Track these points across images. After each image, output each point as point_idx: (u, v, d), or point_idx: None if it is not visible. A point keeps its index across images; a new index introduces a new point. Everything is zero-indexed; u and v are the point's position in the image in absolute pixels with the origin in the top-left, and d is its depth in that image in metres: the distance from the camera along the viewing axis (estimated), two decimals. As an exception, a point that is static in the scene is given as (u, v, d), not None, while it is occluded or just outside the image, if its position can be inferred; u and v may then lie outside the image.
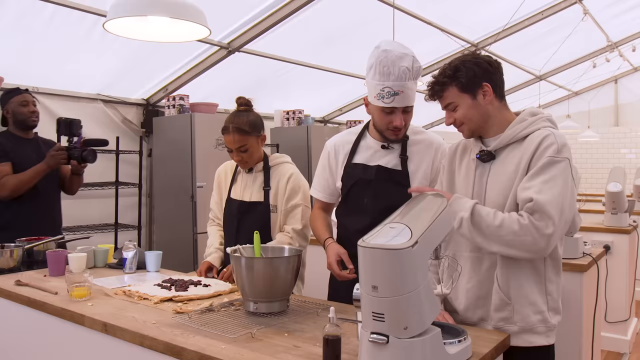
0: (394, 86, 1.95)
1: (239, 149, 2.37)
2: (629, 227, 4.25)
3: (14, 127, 3.17)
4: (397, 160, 2.14)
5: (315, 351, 1.50)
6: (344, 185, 2.20)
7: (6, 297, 2.23)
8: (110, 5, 2.06)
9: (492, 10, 5.30)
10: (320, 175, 2.30)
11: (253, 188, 2.45)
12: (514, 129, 1.73)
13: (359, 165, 2.16)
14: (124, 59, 4.35)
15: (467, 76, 1.71)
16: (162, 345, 1.59)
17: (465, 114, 1.75)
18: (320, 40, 5.04)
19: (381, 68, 1.94)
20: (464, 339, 1.46)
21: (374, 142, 2.17)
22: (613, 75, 9.13)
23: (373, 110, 2.07)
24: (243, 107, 2.41)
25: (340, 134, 2.31)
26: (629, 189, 5.12)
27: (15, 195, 3.00)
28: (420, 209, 1.51)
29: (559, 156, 1.63)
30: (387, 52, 1.94)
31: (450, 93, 1.75)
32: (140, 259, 2.57)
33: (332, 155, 2.25)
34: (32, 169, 3.02)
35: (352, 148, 2.20)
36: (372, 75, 1.99)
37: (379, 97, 1.98)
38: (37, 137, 3.28)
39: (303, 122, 6.20)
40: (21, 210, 3.05)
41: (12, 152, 3.06)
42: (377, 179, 2.11)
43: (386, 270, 1.29)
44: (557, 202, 1.59)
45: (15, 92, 3.18)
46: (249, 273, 1.81)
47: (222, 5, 3.86)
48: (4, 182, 2.98)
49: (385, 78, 1.95)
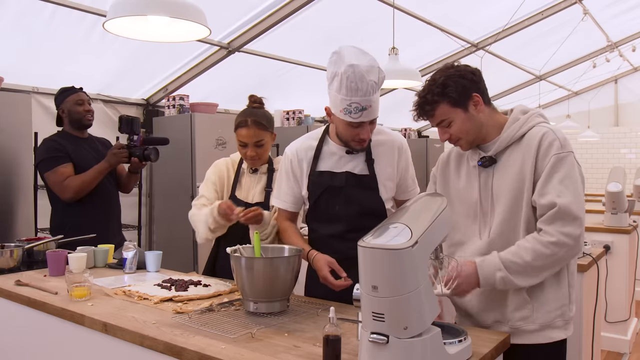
0: (362, 102, 1.88)
1: (256, 144, 2.34)
2: (629, 227, 4.25)
3: (70, 127, 3.09)
4: (363, 164, 2.10)
5: (315, 351, 1.50)
6: (311, 194, 2.13)
7: (6, 297, 2.23)
8: (110, 5, 2.06)
9: (492, 10, 5.30)
10: (284, 185, 2.19)
11: (256, 190, 2.45)
12: (510, 129, 1.73)
13: (326, 173, 2.10)
14: (124, 59, 4.35)
15: (456, 90, 1.69)
16: (162, 345, 1.58)
17: (461, 128, 1.73)
18: (320, 40, 5.04)
19: (348, 83, 1.85)
20: (464, 339, 1.46)
21: (337, 148, 2.12)
22: (613, 75, 9.13)
23: (338, 122, 2.00)
24: (257, 105, 2.40)
25: (299, 140, 2.22)
26: (629, 189, 5.13)
27: (79, 197, 2.94)
28: (420, 209, 1.51)
29: (564, 151, 1.63)
30: (354, 67, 1.84)
31: (442, 110, 1.72)
32: (140, 259, 2.56)
33: (295, 162, 2.16)
34: (94, 169, 2.95)
35: (315, 154, 2.14)
36: (337, 89, 1.89)
37: (345, 112, 1.90)
38: (91, 136, 3.22)
39: (303, 122, 6.20)
40: (85, 211, 2.98)
41: (72, 153, 2.99)
42: (347, 185, 2.07)
43: (386, 270, 1.30)
44: (578, 201, 1.60)
45: (71, 91, 3.10)
46: (249, 273, 1.81)
47: (222, 5, 3.86)
48: (67, 183, 2.91)
49: (353, 94, 1.87)
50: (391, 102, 6.98)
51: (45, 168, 2.96)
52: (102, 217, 3.05)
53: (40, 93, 4.24)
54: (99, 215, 3.03)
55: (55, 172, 2.92)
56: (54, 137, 3.09)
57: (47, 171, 2.95)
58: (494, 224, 1.74)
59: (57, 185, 2.93)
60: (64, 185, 2.91)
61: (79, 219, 2.96)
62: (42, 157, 2.98)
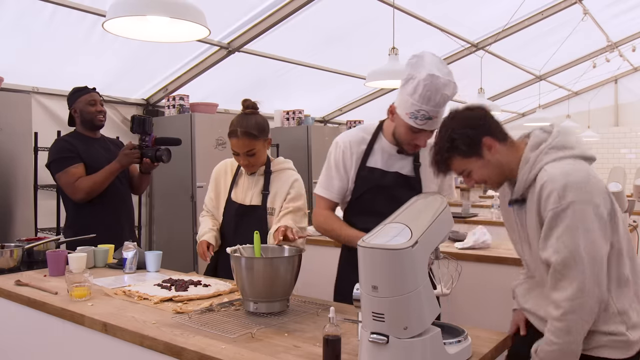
0: (430, 111, 1.93)
1: (247, 153, 2.34)
2: (629, 227, 4.24)
3: (82, 127, 3.06)
4: (410, 166, 2.15)
5: (315, 351, 1.50)
6: (357, 188, 2.16)
7: (6, 297, 2.23)
8: (110, 5, 2.06)
9: (492, 10, 5.30)
10: (333, 174, 2.19)
11: (254, 191, 2.45)
12: (522, 173, 1.65)
13: (376, 170, 2.14)
14: (124, 59, 4.35)
15: (465, 143, 1.65)
16: (162, 345, 1.58)
17: (482, 175, 1.70)
18: (320, 40, 5.04)
19: (424, 92, 1.90)
20: (464, 339, 1.46)
21: (389, 146, 2.15)
22: (613, 75, 9.13)
23: (399, 123, 2.03)
24: (249, 110, 2.38)
25: (352, 132, 2.22)
26: (629, 189, 5.13)
27: (91, 197, 2.91)
28: (420, 209, 1.51)
29: (562, 203, 1.51)
30: (434, 77, 1.88)
31: (457, 164, 1.70)
32: (140, 259, 2.56)
33: (348, 154, 2.17)
34: (105, 169, 2.92)
35: (366, 149, 2.16)
36: (411, 92, 1.93)
37: (412, 116, 1.95)
38: (103, 137, 3.20)
39: (303, 122, 6.21)
40: (96, 211, 2.95)
41: (83, 153, 2.96)
42: (394, 185, 2.11)
43: (386, 270, 1.30)
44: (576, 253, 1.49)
45: (84, 91, 3.07)
46: (249, 273, 1.81)
47: (222, 5, 3.86)
48: (79, 184, 2.88)
49: (425, 102, 1.91)
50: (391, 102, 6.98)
51: (56, 168, 2.93)
52: (113, 218, 3.01)
53: (40, 93, 4.24)
54: (110, 216, 3.00)
55: (66, 172, 2.90)
56: (66, 137, 3.06)
57: (58, 172, 2.92)
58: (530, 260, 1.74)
59: (69, 186, 2.90)
60: (75, 186, 2.89)
61: (89, 220, 2.94)
62: (54, 158, 2.95)
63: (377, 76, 3.66)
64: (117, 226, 3.01)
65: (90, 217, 2.94)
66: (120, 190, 3.07)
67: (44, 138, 4.07)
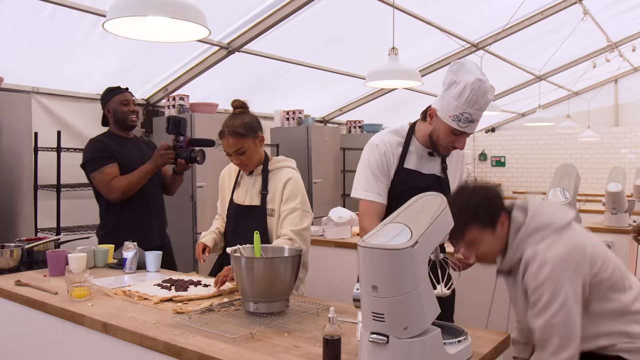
0: (474, 115, 2.02)
1: (236, 152, 2.36)
2: (629, 227, 4.24)
3: (115, 127, 3.06)
4: (439, 167, 2.23)
5: (315, 351, 1.50)
6: (394, 189, 2.18)
7: (6, 297, 2.23)
8: (110, 5, 2.06)
9: (492, 10, 5.30)
10: (378, 176, 2.18)
11: (253, 191, 2.45)
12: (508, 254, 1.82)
13: (415, 172, 2.18)
14: (124, 59, 4.35)
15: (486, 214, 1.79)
16: (162, 345, 1.59)
17: (488, 249, 1.83)
18: (320, 40, 5.04)
19: (471, 96, 1.99)
20: (464, 339, 1.46)
21: (421, 148, 2.20)
22: (613, 75, 9.12)
23: (440, 126, 2.09)
24: (238, 110, 2.41)
25: (386, 134, 2.24)
26: (629, 189, 5.12)
27: (125, 197, 2.91)
28: (420, 209, 1.51)
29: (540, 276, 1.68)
30: (482, 82, 1.98)
31: (472, 233, 1.80)
32: (140, 259, 2.57)
33: (390, 155, 2.18)
34: (140, 170, 2.91)
35: (402, 151, 2.20)
36: (456, 96, 2.00)
37: (455, 119, 2.02)
38: (136, 137, 3.19)
39: (303, 122, 6.20)
40: (126, 211, 2.94)
41: (117, 153, 2.96)
42: (430, 186, 2.12)
43: (386, 270, 1.29)
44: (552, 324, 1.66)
45: (117, 91, 3.08)
46: (249, 273, 1.81)
47: (222, 5, 3.86)
48: (114, 184, 2.88)
49: (470, 106, 2.00)
50: (391, 102, 6.99)
51: (91, 168, 2.92)
52: (143, 218, 2.99)
53: (40, 93, 4.24)
54: (141, 216, 2.98)
55: (101, 172, 2.89)
56: (100, 137, 3.05)
57: (93, 171, 2.91)
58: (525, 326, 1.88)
59: (104, 186, 2.90)
60: (111, 186, 2.88)
61: (119, 219, 2.94)
62: (89, 158, 2.95)
63: (377, 76, 3.65)
64: (147, 227, 3.00)
65: (121, 216, 2.95)
66: (152, 190, 3.05)
67: (44, 138, 4.08)
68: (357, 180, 2.23)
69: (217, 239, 2.51)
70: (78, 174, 4.40)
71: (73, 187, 4.22)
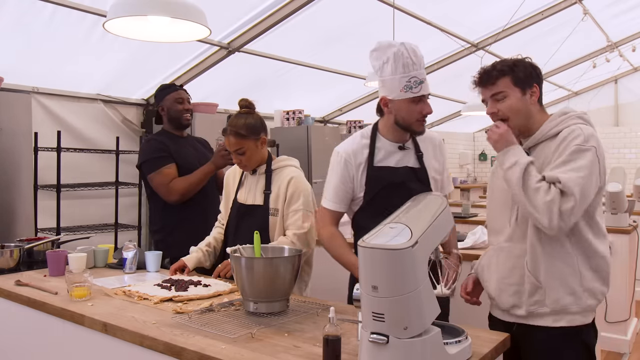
0: (419, 75, 2.01)
1: (236, 152, 2.37)
2: (629, 227, 4.24)
3: (169, 125, 2.99)
4: (414, 159, 2.17)
5: (315, 351, 1.50)
6: (369, 190, 2.14)
7: (6, 297, 2.23)
8: (110, 5, 2.06)
9: (492, 10, 5.30)
10: (339, 187, 2.16)
11: (256, 191, 2.45)
12: (544, 127, 1.82)
13: (385, 169, 2.14)
14: (124, 59, 4.35)
15: (524, 72, 1.82)
16: (162, 345, 1.59)
17: (513, 106, 1.82)
18: (320, 40, 5.04)
19: (404, 60, 1.99)
20: (464, 339, 1.46)
21: (389, 144, 2.16)
22: (613, 75, 9.13)
23: (400, 106, 2.05)
24: (244, 110, 2.40)
25: (350, 141, 2.22)
26: (629, 189, 5.12)
27: (185, 199, 2.82)
28: (420, 209, 1.52)
29: (586, 144, 1.70)
30: (404, 44, 2.00)
31: (503, 82, 1.82)
32: (140, 259, 2.57)
33: (352, 164, 2.15)
34: (200, 171, 2.83)
35: (370, 151, 2.16)
36: (392, 71, 2.00)
37: (406, 88, 2.00)
38: (190, 136, 3.12)
39: (303, 122, 6.20)
40: (184, 213, 2.86)
41: (174, 153, 2.87)
42: (407, 180, 2.12)
43: (386, 270, 1.30)
44: (581, 183, 1.65)
45: (171, 89, 3.01)
46: (249, 273, 1.81)
47: (222, 5, 3.86)
48: (173, 185, 2.80)
49: (411, 68, 2.00)
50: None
51: (149, 169, 2.84)
52: (201, 219, 2.85)
53: (40, 93, 4.24)
54: (199, 216, 2.87)
55: (160, 173, 2.81)
56: (156, 136, 2.98)
57: (151, 172, 2.83)
58: (520, 213, 1.80)
59: (163, 187, 2.81)
60: (170, 187, 2.80)
61: (177, 221, 2.88)
62: (147, 158, 2.86)
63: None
64: (204, 228, 2.84)
65: (179, 217, 2.87)
66: (207, 191, 2.94)
67: (44, 138, 4.08)
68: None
69: (202, 259, 2.49)
70: (78, 174, 4.42)
71: (73, 187, 4.22)
